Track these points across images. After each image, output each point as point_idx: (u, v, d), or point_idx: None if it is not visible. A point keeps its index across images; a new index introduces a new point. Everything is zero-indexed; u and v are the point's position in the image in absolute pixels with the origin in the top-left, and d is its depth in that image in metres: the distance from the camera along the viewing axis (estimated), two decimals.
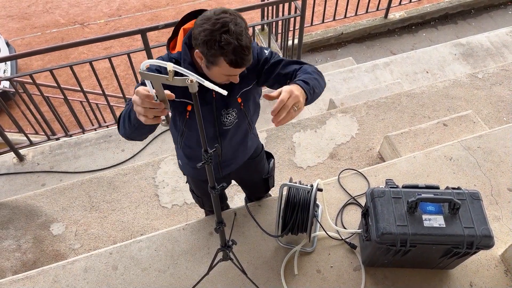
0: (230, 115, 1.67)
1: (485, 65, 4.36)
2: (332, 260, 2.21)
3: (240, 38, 1.33)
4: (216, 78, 1.47)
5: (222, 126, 1.69)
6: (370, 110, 3.44)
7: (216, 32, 1.31)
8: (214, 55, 1.35)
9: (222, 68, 1.39)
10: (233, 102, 1.64)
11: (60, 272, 2.25)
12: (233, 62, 1.35)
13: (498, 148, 2.68)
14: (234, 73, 1.42)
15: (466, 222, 1.84)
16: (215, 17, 1.32)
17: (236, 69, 1.39)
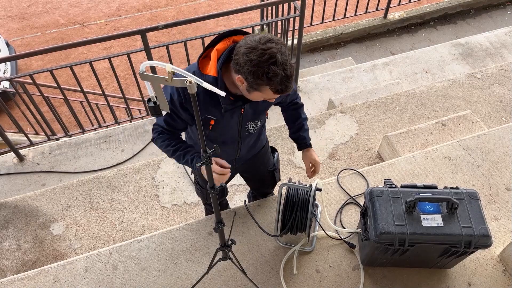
0: (256, 125, 1.80)
1: (484, 65, 4.37)
2: (331, 260, 2.22)
3: (286, 68, 1.37)
4: (253, 99, 1.53)
5: (245, 132, 1.80)
6: (369, 110, 3.45)
7: (264, 64, 1.34)
8: (260, 84, 1.40)
9: (264, 93, 1.44)
10: (262, 115, 1.79)
11: (60, 271, 2.26)
12: (278, 91, 1.41)
13: (497, 148, 2.69)
14: (274, 97, 1.49)
15: (464, 221, 1.85)
16: (261, 47, 1.35)
17: (278, 95, 1.45)
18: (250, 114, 1.71)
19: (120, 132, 3.80)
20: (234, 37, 1.54)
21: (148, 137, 3.75)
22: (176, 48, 6.19)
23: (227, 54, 1.49)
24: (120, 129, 3.83)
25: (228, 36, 1.54)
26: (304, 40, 5.58)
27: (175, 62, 6.22)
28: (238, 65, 1.39)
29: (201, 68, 1.54)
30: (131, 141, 3.73)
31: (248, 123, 1.75)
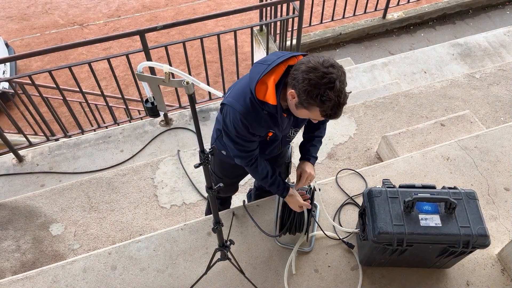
0: (296, 131, 1.91)
1: (483, 65, 4.38)
2: (329, 260, 2.22)
3: (341, 96, 1.39)
4: (298, 115, 1.57)
5: (286, 138, 1.92)
6: (368, 110, 3.45)
7: (321, 86, 1.37)
8: (312, 104, 1.42)
9: (312, 114, 1.47)
10: (302, 124, 1.91)
11: (59, 272, 2.26)
12: (327, 115, 1.43)
13: (495, 148, 2.70)
14: (320, 119, 1.50)
15: (462, 221, 1.85)
16: (323, 70, 1.37)
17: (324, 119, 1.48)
18: (295, 122, 1.82)
19: (119, 132, 3.81)
20: (290, 61, 1.56)
21: (147, 137, 3.75)
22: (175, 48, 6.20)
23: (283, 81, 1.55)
24: (119, 130, 3.83)
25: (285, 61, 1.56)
26: (303, 41, 5.58)
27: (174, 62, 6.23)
28: (295, 80, 1.43)
29: (258, 94, 1.55)
30: (130, 142, 3.73)
31: (290, 131, 1.87)
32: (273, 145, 1.90)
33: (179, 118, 3.89)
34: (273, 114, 1.60)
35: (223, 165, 2.17)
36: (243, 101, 1.57)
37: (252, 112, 1.57)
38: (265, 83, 1.54)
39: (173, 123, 3.85)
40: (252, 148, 1.76)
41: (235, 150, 1.76)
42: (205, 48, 3.54)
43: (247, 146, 1.74)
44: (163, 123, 3.85)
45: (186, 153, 3.36)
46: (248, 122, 1.59)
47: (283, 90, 1.56)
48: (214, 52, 5.76)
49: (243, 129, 1.62)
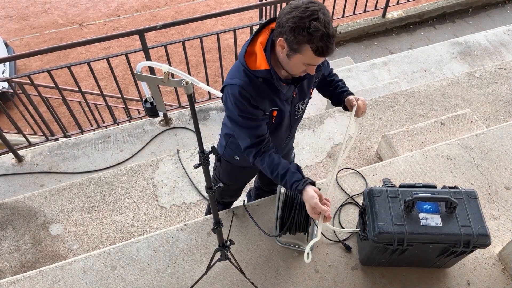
0: (303, 105, 1.81)
1: (483, 64, 4.37)
2: (330, 260, 2.22)
3: (328, 27, 1.35)
4: (294, 69, 1.49)
5: (295, 116, 1.81)
6: (368, 109, 3.44)
7: (305, 19, 1.34)
8: (301, 41, 1.37)
9: (305, 56, 1.40)
10: (308, 94, 1.77)
11: (59, 272, 2.25)
12: (318, 50, 1.36)
13: (495, 147, 2.69)
14: (315, 63, 1.43)
15: (463, 221, 1.85)
16: (304, 6, 1.35)
17: (318, 58, 1.40)
18: (299, 95, 1.73)
19: (118, 132, 3.80)
20: (271, 25, 1.55)
21: (146, 137, 3.75)
22: (175, 47, 6.19)
23: (271, 44, 1.51)
24: (119, 129, 3.83)
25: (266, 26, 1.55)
26: None
27: (173, 62, 6.22)
28: (280, 26, 1.40)
29: (250, 65, 1.54)
30: (129, 142, 3.73)
31: (297, 105, 1.77)
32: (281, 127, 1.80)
33: (178, 117, 3.89)
34: (270, 80, 1.55)
35: (232, 172, 2.16)
36: (238, 75, 1.56)
37: (249, 83, 1.54)
38: (253, 52, 1.54)
39: (172, 123, 3.84)
40: (261, 132, 1.66)
41: (243, 135, 1.65)
42: (204, 48, 3.54)
43: (254, 128, 1.63)
44: (163, 123, 3.84)
45: (185, 152, 3.35)
46: (248, 93, 1.54)
47: (272, 54, 1.53)
48: (214, 51, 5.76)
49: (245, 104, 1.55)
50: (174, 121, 3.85)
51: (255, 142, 1.65)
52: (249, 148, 1.67)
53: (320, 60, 1.43)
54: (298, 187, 1.61)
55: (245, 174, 2.24)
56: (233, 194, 2.44)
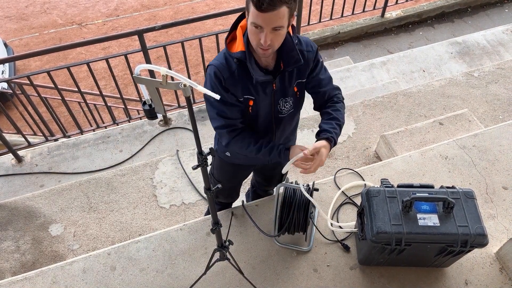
0: (287, 104, 1.77)
1: (482, 63, 4.38)
2: (328, 259, 2.23)
3: None
4: (251, 37, 1.50)
5: (278, 114, 1.79)
6: (367, 109, 3.45)
7: None
8: (248, 2, 1.41)
9: (251, 15, 1.42)
10: (291, 91, 1.74)
11: (59, 273, 2.26)
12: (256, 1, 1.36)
13: (493, 147, 2.70)
14: (258, 21, 1.41)
15: (460, 220, 1.86)
16: None
17: (260, 14, 1.38)
18: (280, 89, 1.71)
19: (118, 132, 3.81)
20: None
21: (146, 137, 3.75)
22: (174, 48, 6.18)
23: None
24: (119, 130, 3.83)
25: None
26: None
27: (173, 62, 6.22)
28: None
29: (230, 48, 1.59)
30: (129, 142, 3.73)
31: (280, 101, 1.74)
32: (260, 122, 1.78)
33: (178, 117, 3.90)
34: (245, 64, 1.57)
35: (224, 168, 2.16)
36: (218, 57, 1.62)
37: (225, 64, 1.58)
38: (235, 36, 1.59)
39: (172, 123, 3.85)
40: (231, 115, 1.68)
41: (214, 115, 1.68)
42: (203, 47, 3.55)
43: (224, 109, 1.66)
44: (162, 123, 3.85)
45: (185, 153, 3.36)
46: (221, 74, 1.58)
47: None
48: (213, 51, 5.76)
49: (217, 84, 1.59)
50: (174, 121, 3.86)
51: (224, 123, 1.68)
52: (219, 129, 1.70)
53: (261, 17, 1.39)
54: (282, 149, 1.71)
55: (237, 172, 2.22)
56: (227, 195, 2.43)
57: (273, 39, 1.45)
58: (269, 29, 1.42)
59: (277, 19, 1.39)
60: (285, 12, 1.40)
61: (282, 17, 1.40)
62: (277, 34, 1.45)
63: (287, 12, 1.41)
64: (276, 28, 1.42)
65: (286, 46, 1.59)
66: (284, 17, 1.41)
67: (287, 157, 1.72)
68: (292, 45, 1.59)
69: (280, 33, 1.46)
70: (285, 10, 1.40)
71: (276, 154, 1.72)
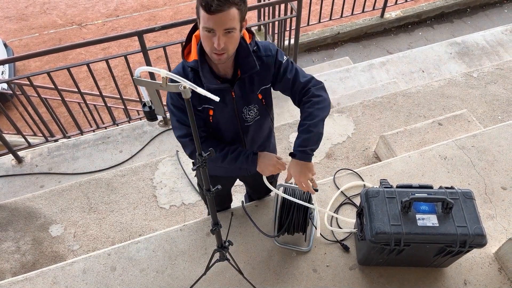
0: (251, 111, 1.74)
1: (481, 64, 4.39)
2: (328, 260, 2.23)
3: None
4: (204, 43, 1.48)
5: (244, 122, 1.76)
6: (366, 109, 3.46)
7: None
8: (198, 7, 1.40)
9: (202, 19, 1.41)
10: (254, 98, 1.71)
11: (59, 273, 2.27)
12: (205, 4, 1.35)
13: (492, 147, 2.71)
14: (211, 25, 1.39)
15: (459, 221, 1.87)
16: None
17: (210, 17, 1.37)
18: (241, 97, 1.67)
19: (118, 133, 3.82)
20: None
21: (146, 138, 3.76)
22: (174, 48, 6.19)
23: None
24: (118, 130, 3.84)
25: None
26: (301, 40, 5.59)
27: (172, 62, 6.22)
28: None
29: (186, 58, 1.59)
30: (129, 142, 3.74)
31: (244, 109, 1.72)
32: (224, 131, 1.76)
33: None
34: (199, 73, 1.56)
35: None
36: (178, 66, 1.63)
37: (183, 73, 1.59)
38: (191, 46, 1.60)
39: None
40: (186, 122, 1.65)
41: (175, 123, 1.67)
42: None
43: (185, 117, 1.64)
44: (162, 124, 3.86)
45: (184, 153, 3.36)
46: None
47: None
48: None
49: (176, 93, 1.58)
50: None
51: (186, 132, 1.67)
52: (181, 138, 1.69)
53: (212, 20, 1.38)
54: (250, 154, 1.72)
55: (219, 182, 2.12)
56: (220, 202, 2.41)
57: (226, 42, 1.43)
58: (221, 31, 1.40)
59: (228, 20, 1.39)
60: (235, 14, 1.39)
61: (232, 18, 1.39)
62: (230, 37, 1.43)
63: (238, 14, 1.41)
64: (228, 30, 1.41)
65: (242, 52, 1.57)
66: (235, 18, 1.41)
67: (254, 162, 1.73)
68: (247, 51, 1.57)
69: (233, 36, 1.44)
70: (235, 12, 1.39)
71: (243, 160, 1.72)
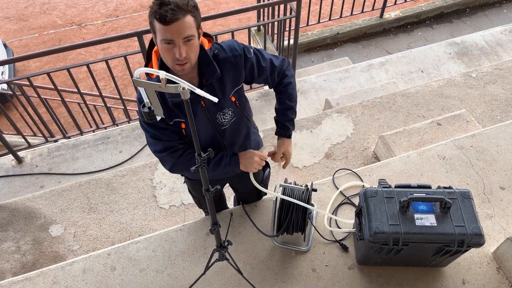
0: (226, 115, 1.72)
1: (480, 64, 4.40)
2: (327, 259, 2.24)
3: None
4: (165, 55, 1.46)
5: (220, 126, 1.74)
6: (365, 110, 3.47)
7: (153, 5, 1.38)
8: (152, 21, 1.40)
9: (158, 32, 1.40)
10: (228, 102, 1.69)
11: (59, 273, 2.28)
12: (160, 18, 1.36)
13: (491, 147, 2.72)
14: (169, 36, 1.38)
15: (457, 220, 1.88)
16: None
17: (166, 27, 1.37)
18: (212, 105, 1.65)
19: (118, 133, 3.82)
20: None
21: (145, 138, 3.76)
22: None
23: None
24: (118, 131, 3.85)
25: None
26: (301, 40, 5.60)
27: None
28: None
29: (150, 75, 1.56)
30: (129, 143, 3.75)
31: (217, 115, 1.70)
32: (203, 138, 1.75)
33: None
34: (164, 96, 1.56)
35: (195, 187, 2.16)
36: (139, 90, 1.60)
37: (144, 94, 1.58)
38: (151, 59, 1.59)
39: None
40: (167, 138, 1.67)
41: (149, 139, 1.69)
42: None
43: (157, 133, 1.66)
44: None
45: None
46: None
47: None
48: None
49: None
50: None
51: (163, 146, 1.68)
52: (159, 153, 1.70)
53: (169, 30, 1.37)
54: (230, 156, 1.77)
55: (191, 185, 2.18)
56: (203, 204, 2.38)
57: (187, 50, 1.42)
58: (181, 40, 1.39)
59: (185, 28, 1.38)
60: (191, 21, 1.39)
61: (189, 26, 1.39)
62: (190, 45, 1.42)
63: (193, 21, 1.40)
64: (188, 38, 1.40)
65: (203, 60, 1.56)
66: (192, 26, 1.40)
67: (237, 163, 1.77)
68: (207, 58, 1.56)
69: (193, 44, 1.43)
70: (191, 19, 1.39)
71: (226, 162, 1.75)
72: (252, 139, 1.98)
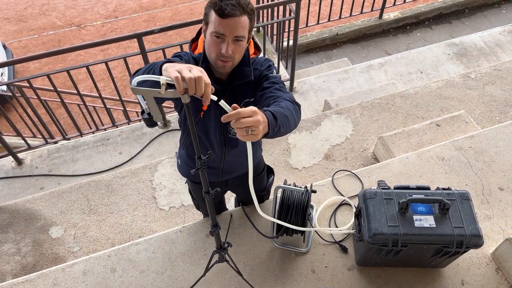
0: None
1: (479, 64, 4.41)
2: (326, 260, 2.25)
3: None
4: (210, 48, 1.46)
5: (228, 134, 1.73)
6: (365, 111, 3.48)
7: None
8: (208, 12, 1.42)
9: (213, 23, 1.41)
10: None
11: (60, 275, 2.28)
12: (219, 9, 1.37)
13: (490, 148, 2.73)
14: (221, 30, 1.39)
15: (456, 222, 1.88)
16: None
17: (223, 21, 1.37)
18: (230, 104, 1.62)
19: (117, 134, 3.83)
20: None
21: (145, 139, 3.77)
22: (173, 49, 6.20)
23: None
24: (118, 132, 3.85)
25: None
26: (300, 41, 5.61)
27: None
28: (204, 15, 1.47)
29: (193, 50, 1.64)
30: (128, 144, 3.75)
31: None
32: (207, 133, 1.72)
33: (177, 119, 3.91)
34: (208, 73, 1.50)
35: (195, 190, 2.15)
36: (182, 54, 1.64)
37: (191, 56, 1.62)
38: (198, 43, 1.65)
39: (171, 125, 3.87)
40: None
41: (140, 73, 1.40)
42: None
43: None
44: (161, 125, 3.86)
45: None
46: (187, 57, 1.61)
47: None
48: None
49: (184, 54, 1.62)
50: (173, 123, 3.88)
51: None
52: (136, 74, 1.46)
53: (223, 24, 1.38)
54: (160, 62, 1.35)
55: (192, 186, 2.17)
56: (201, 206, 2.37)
57: (234, 50, 1.43)
58: (231, 38, 1.41)
59: (239, 27, 1.39)
60: (246, 22, 1.41)
61: (243, 26, 1.41)
62: (238, 45, 1.44)
63: (248, 23, 1.42)
64: (238, 38, 1.42)
65: (243, 61, 1.57)
66: (245, 27, 1.42)
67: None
68: (247, 61, 1.58)
69: (241, 45, 1.45)
70: (246, 20, 1.41)
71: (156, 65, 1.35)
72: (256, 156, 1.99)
